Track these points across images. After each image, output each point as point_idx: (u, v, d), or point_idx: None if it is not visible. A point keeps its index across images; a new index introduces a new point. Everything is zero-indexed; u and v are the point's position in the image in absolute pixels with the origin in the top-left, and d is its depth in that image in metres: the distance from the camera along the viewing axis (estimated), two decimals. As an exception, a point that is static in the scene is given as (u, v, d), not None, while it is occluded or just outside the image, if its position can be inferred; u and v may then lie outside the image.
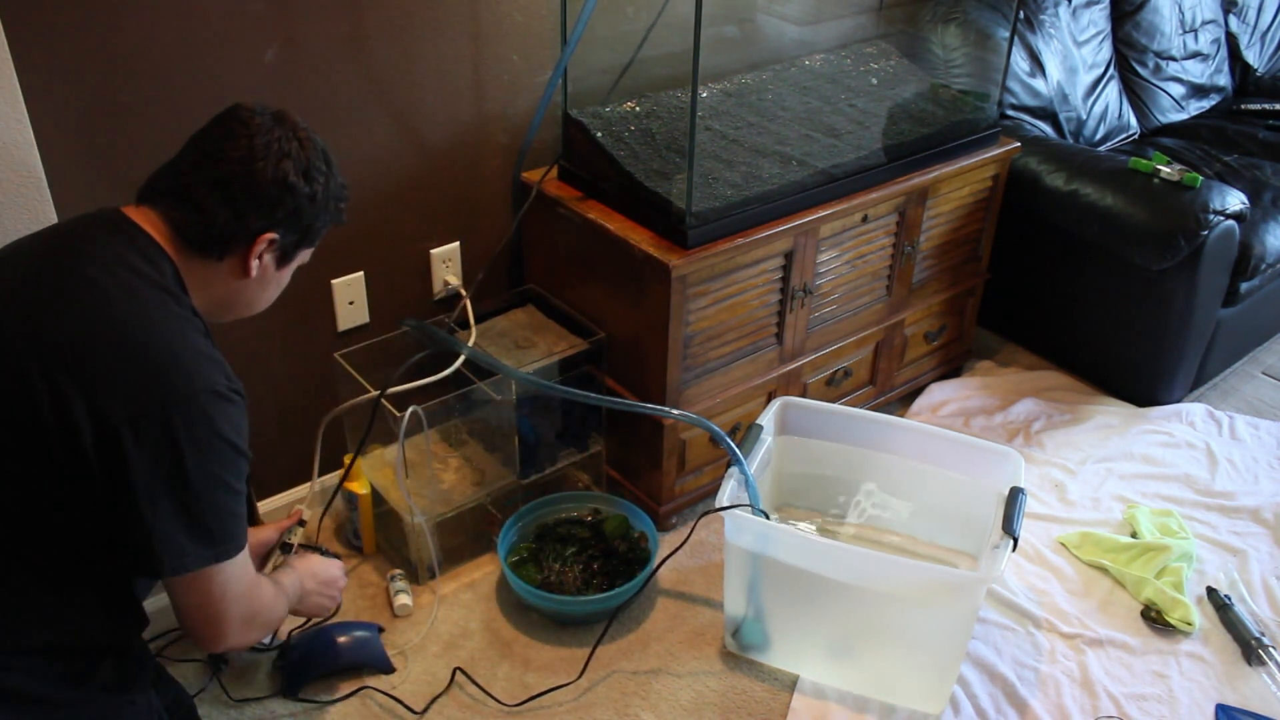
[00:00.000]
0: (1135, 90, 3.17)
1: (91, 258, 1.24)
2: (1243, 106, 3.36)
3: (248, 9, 1.74)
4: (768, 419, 2.01)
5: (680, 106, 2.24)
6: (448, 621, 1.99)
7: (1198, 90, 3.32)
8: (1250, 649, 1.96)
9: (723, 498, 1.81)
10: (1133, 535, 2.22)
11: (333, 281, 2.04)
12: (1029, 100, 2.84)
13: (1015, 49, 2.81)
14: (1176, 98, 3.25)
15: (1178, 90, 3.26)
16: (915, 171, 2.27)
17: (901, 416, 2.57)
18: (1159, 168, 2.46)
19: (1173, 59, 3.23)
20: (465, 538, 2.14)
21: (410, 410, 1.89)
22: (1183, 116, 3.27)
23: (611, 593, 1.95)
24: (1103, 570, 2.15)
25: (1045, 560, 2.18)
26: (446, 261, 2.18)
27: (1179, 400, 2.65)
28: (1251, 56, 3.48)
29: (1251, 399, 2.75)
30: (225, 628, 1.33)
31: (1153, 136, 3.15)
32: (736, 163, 2.11)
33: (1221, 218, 2.37)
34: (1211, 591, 2.09)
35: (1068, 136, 2.93)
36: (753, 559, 1.83)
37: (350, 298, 2.07)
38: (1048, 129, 2.88)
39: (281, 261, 1.39)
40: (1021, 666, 1.93)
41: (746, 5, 2.47)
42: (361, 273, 2.07)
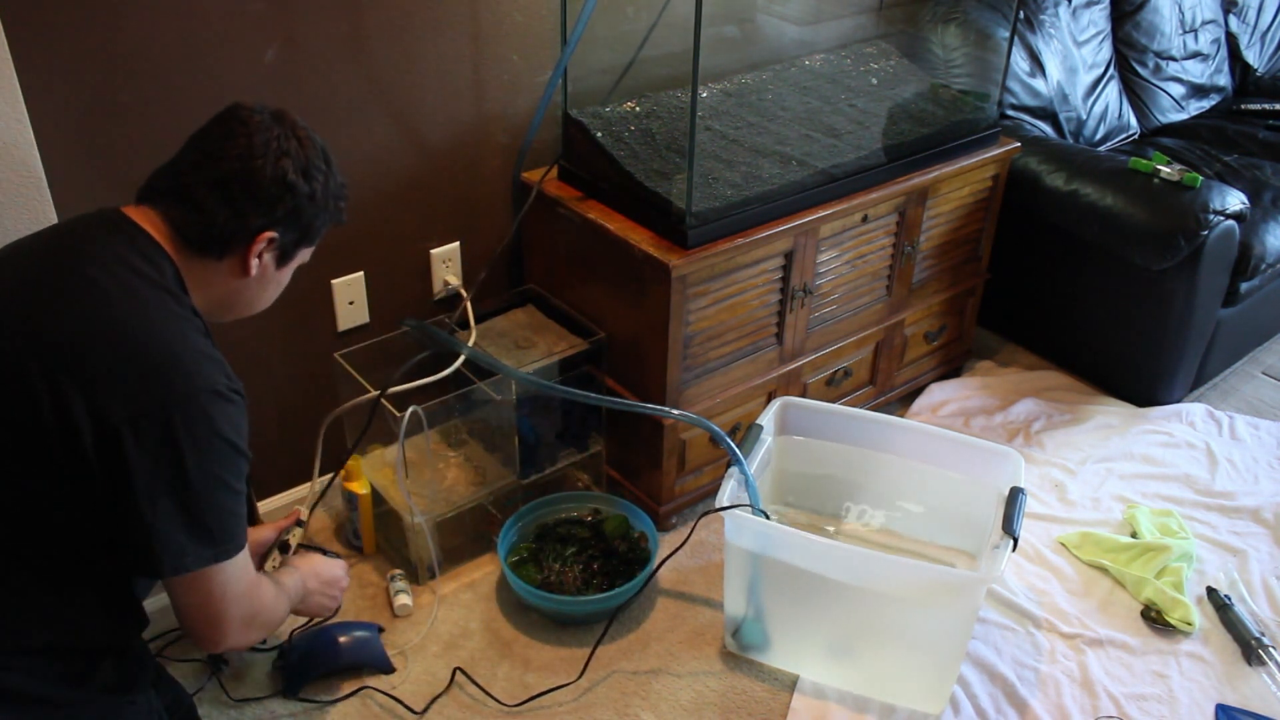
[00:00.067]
0: (1135, 90, 3.17)
1: (92, 258, 1.24)
2: (1243, 106, 3.36)
3: (248, 9, 1.74)
4: (768, 419, 2.01)
5: (680, 106, 2.24)
6: (448, 621, 1.99)
7: (1198, 90, 3.32)
8: (1250, 649, 1.96)
9: (723, 498, 1.81)
10: (1133, 535, 2.22)
11: (333, 281, 2.04)
12: (1029, 100, 2.84)
13: (1015, 49, 2.81)
14: (1176, 98, 3.25)
15: (1178, 90, 3.26)
16: (915, 171, 2.27)
17: (901, 416, 2.57)
18: (1159, 168, 2.46)
19: (1173, 59, 3.23)
20: (465, 538, 2.14)
21: (410, 410, 1.89)
22: (1183, 116, 3.27)
23: (611, 593, 1.95)
24: (1103, 570, 2.15)
25: (1045, 560, 2.18)
26: (446, 261, 2.18)
27: (1179, 400, 2.65)
28: (1251, 56, 3.48)
29: (1251, 399, 2.75)
30: (225, 628, 1.33)
31: (1153, 136, 3.15)
32: (736, 163, 2.11)
33: (1221, 218, 2.37)
34: (1211, 591, 2.09)
35: (1068, 136, 2.93)
36: (753, 559, 1.83)
37: (350, 298, 2.07)
38: (1048, 129, 2.88)
39: (281, 260, 1.39)
40: (1021, 666, 1.93)
41: (746, 5, 2.47)
42: (361, 273, 2.07)
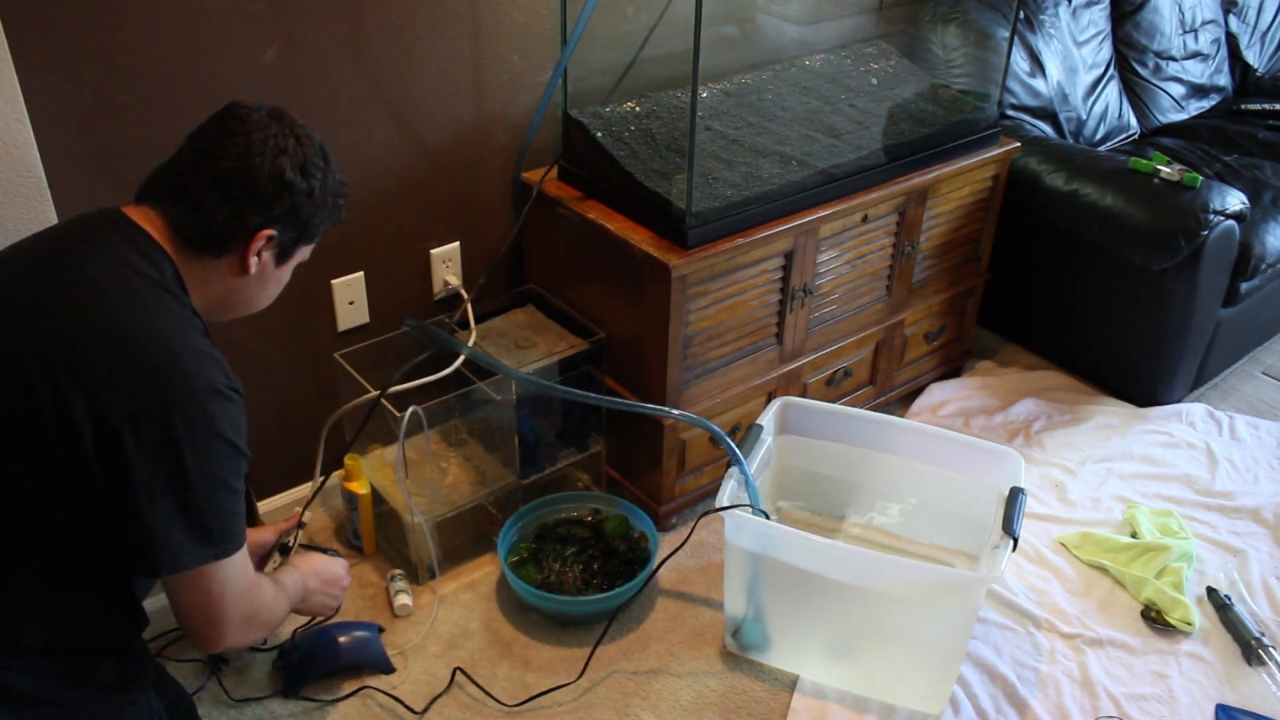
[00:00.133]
0: (1135, 90, 3.17)
1: (91, 257, 1.24)
2: (1243, 106, 3.36)
3: (248, 9, 1.74)
4: (768, 419, 2.01)
5: (680, 106, 2.24)
6: (448, 621, 1.99)
7: (1198, 90, 3.32)
8: (1250, 649, 1.96)
9: (723, 498, 1.81)
10: (1133, 535, 2.22)
11: (333, 281, 2.04)
12: (1029, 100, 2.84)
13: (1015, 49, 2.81)
14: (1176, 98, 3.25)
15: (1178, 90, 3.26)
16: (915, 171, 2.27)
17: (901, 416, 2.57)
18: (1159, 168, 2.46)
19: (1173, 59, 3.23)
20: (465, 538, 2.14)
21: (410, 410, 1.89)
22: (1183, 116, 3.27)
23: (611, 593, 1.95)
24: (1103, 570, 2.15)
25: (1045, 560, 2.18)
26: (446, 261, 2.18)
27: (1179, 400, 2.65)
28: (1251, 56, 3.48)
29: (1251, 399, 2.75)
30: (224, 627, 1.32)
31: (1153, 136, 3.15)
32: (736, 163, 2.11)
33: (1221, 218, 2.37)
34: (1211, 591, 2.09)
35: (1068, 136, 2.93)
36: (753, 559, 1.83)
37: (350, 298, 2.07)
38: (1048, 129, 2.88)
39: (281, 259, 1.39)
40: (1021, 666, 1.93)
41: (746, 5, 2.47)
42: (361, 273, 2.07)
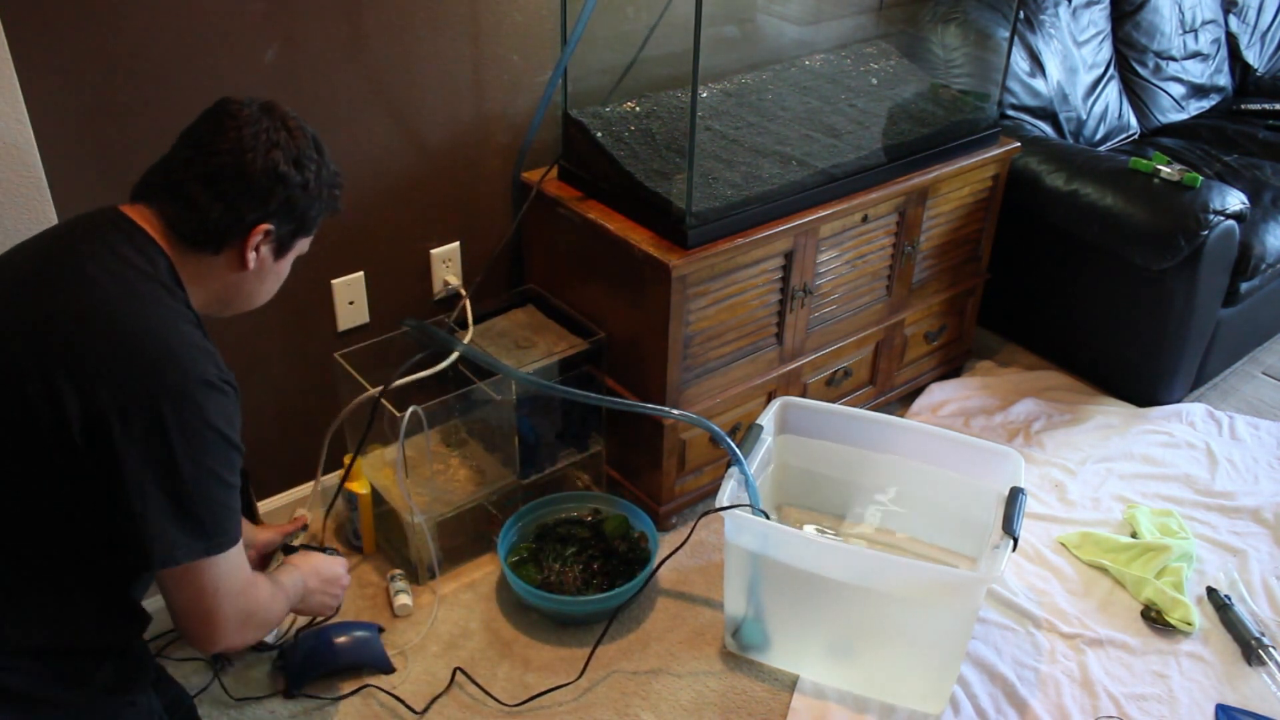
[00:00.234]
0: (1135, 90, 3.17)
1: (89, 256, 1.24)
2: (1243, 106, 3.36)
3: (248, 9, 1.74)
4: (768, 419, 2.01)
5: (680, 106, 2.24)
6: (448, 621, 1.99)
7: (1198, 90, 3.32)
8: (1250, 649, 1.96)
9: (723, 498, 1.81)
10: (1133, 535, 2.22)
11: (333, 281, 2.04)
12: (1029, 100, 2.84)
13: (1015, 49, 2.81)
14: (1176, 98, 3.25)
15: (1178, 90, 3.26)
16: (915, 171, 2.27)
17: (901, 416, 2.57)
18: (1159, 168, 2.46)
19: (1173, 59, 3.23)
20: (465, 538, 2.14)
21: (410, 410, 1.89)
22: (1183, 116, 3.27)
23: (611, 593, 1.95)
24: (1103, 570, 2.15)
25: (1045, 560, 2.18)
26: (446, 261, 2.18)
27: (1179, 400, 2.65)
28: (1251, 56, 3.48)
29: (1251, 399, 2.75)
30: (219, 626, 1.30)
31: (1153, 136, 3.15)
32: (736, 163, 2.11)
33: (1221, 218, 2.37)
34: (1211, 591, 2.09)
35: (1068, 136, 2.92)
36: (753, 559, 1.83)
37: (350, 298, 2.07)
38: (1048, 129, 2.88)
39: (279, 252, 1.38)
40: (1021, 666, 1.93)
41: (746, 5, 2.47)
42: (361, 273, 2.07)
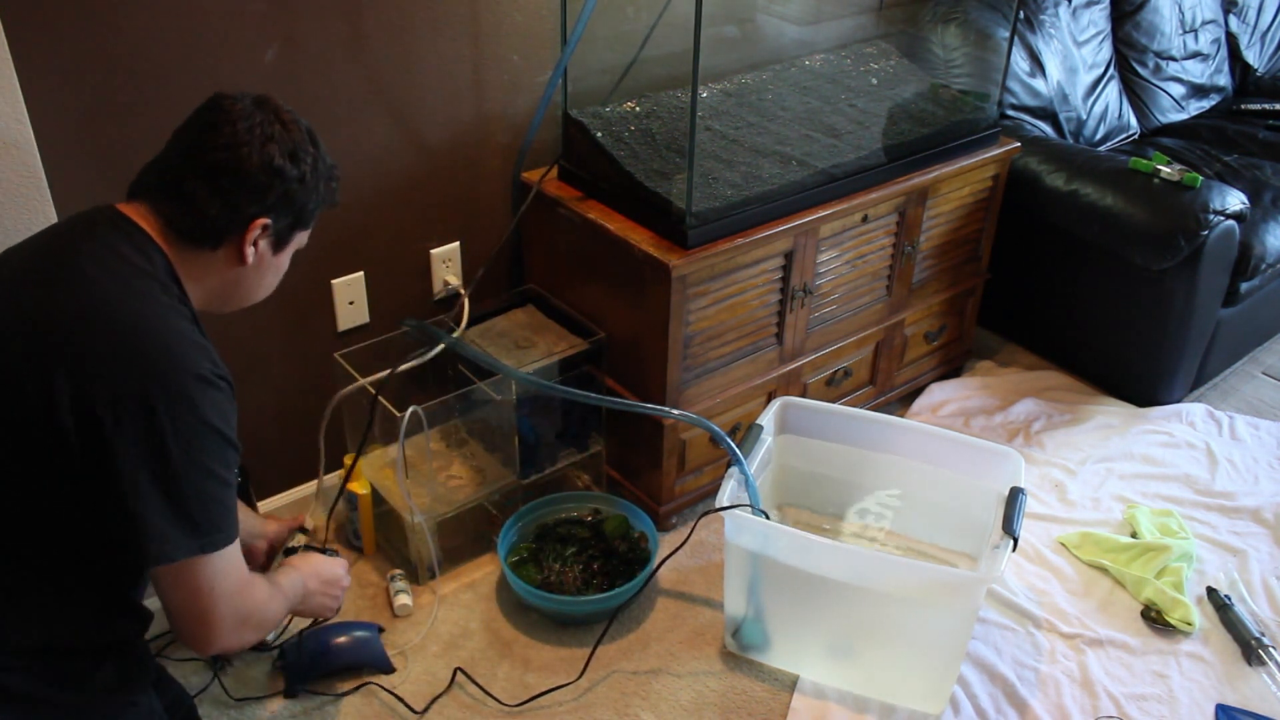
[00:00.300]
0: (1135, 90, 3.17)
1: (85, 253, 1.24)
2: (1243, 106, 3.36)
3: (248, 9, 1.74)
4: (768, 419, 2.01)
5: (680, 106, 2.24)
6: (448, 621, 1.99)
7: (1198, 90, 3.32)
8: (1250, 649, 1.96)
9: (723, 498, 1.81)
10: (1133, 535, 2.22)
11: (333, 281, 2.04)
12: (1029, 100, 2.84)
13: (1015, 49, 2.81)
14: (1176, 98, 3.25)
15: (1178, 90, 3.26)
16: (915, 171, 2.27)
17: (901, 416, 2.57)
18: (1159, 168, 2.46)
19: (1173, 59, 3.23)
20: (465, 538, 2.14)
21: (410, 410, 1.89)
22: (1183, 116, 3.27)
23: (611, 593, 1.95)
24: (1103, 570, 2.15)
25: (1045, 560, 2.18)
26: (446, 261, 2.18)
27: (1179, 400, 2.65)
28: (1251, 56, 3.48)
29: (1251, 399, 2.75)
30: (215, 626, 1.29)
31: (1153, 136, 3.15)
32: (736, 163, 2.11)
33: (1221, 218, 2.37)
34: (1211, 591, 2.09)
35: (1068, 136, 2.92)
36: (753, 559, 1.83)
37: (350, 298, 2.07)
38: (1048, 129, 2.88)
39: (277, 246, 1.37)
40: (1021, 666, 1.93)
41: (746, 5, 2.47)
42: (361, 273, 2.07)
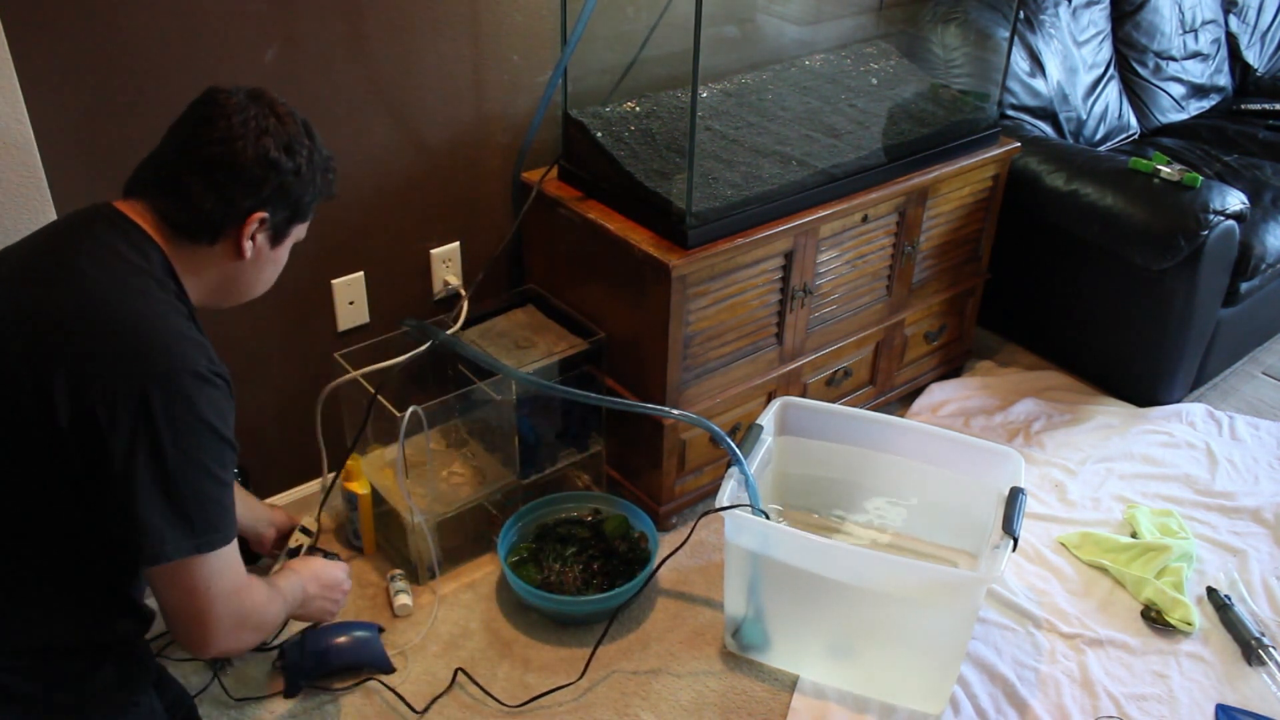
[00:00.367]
0: (1135, 90, 3.17)
1: (82, 252, 1.24)
2: (1243, 106, 3.36)
3: (248, 9, 1.74)
4: (768, 419, 2.01)
5: (680, 106, 2.24)
6: (448, 621, 1.99)
7: (1198, 90, 3.32)
8: (1250, 649, 1.96)
9: (723, 498, 1.81)
10: (1133, 535, 2.22)
11: (333, 281, 2.04)
12: (1029, 100, 2.84)
13: (1015, 49, 2.81)
14: (1176, 98, 3.25)
15: (1178, 90, 3.26)
16: (915, 171, 2.27)
17: (901, 416, 2.57)
18: (1159, 168, 2.46)
19: (1173, 59, 3.23)
20: (465, 538, 2.14)
21: (410, 410, 1.89)
22: (1183, 116, 3.27)
23: (611, 593, 1.95)
24: (1103, 570, 2.15)
25: (1045, 560, 2.18)
26: (446, 261, 2.18)
27: (1179, 400, 2.65)
28: (1251, 56, 3.48)
29: (1251, 399, 2.75)
30: (212, 627, 1.28)
31: (1153, 136, 3.15)
32: (736, 163, 2.11)
33: (1221, 218, 2.37)
34: (1211, 591, 2.09)
35: (1068, 136, 2.92)
36: (753, 559, 1.83)
37: (350, 298, 2.07)
38: (1048, 129, 2.88)
39: (275, 240, 1.36)
40: (1021, 666, 1.93)
41: (746, 5, 2.47)
42: (361, 273, 2.07)
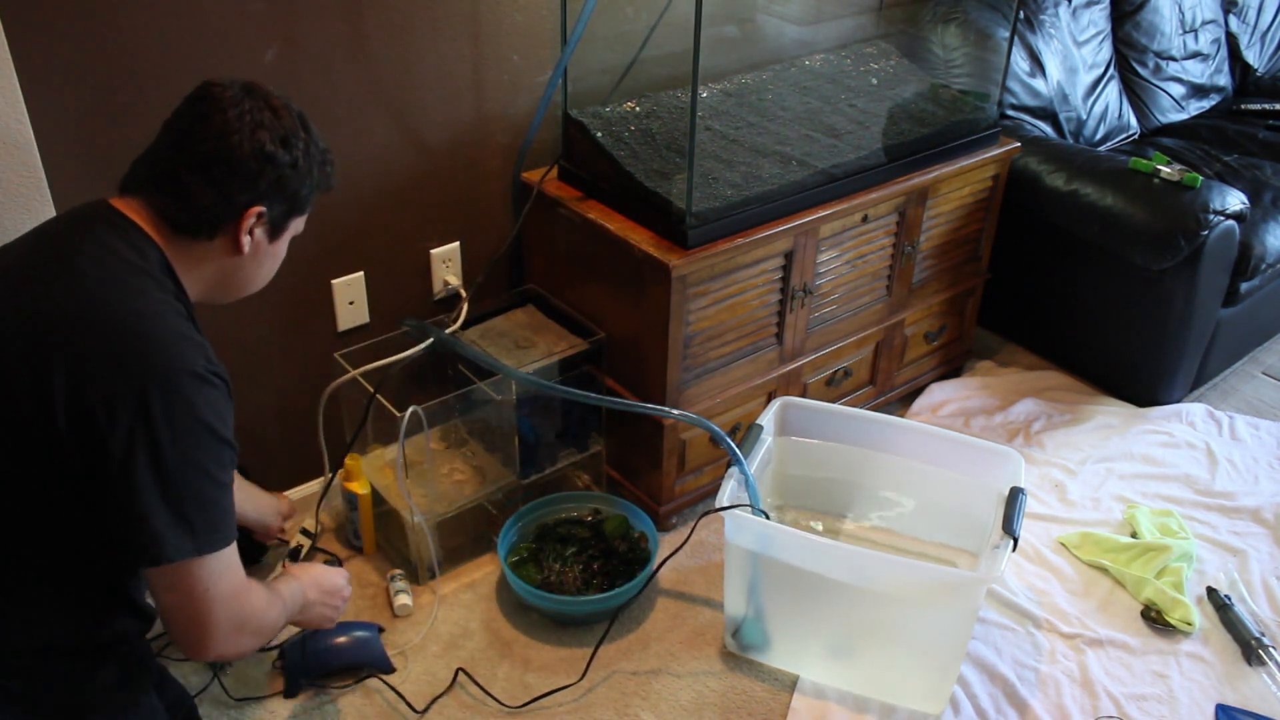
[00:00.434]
0: (1135, 90, 3.17)
1: (81, 251, 1.23)
2: (1243, 106, 3.36)
3: (248, 9, 1.74)
4: (768, 419, 2.01)
5: (680, 106, 2.24)
6: (448, 621, 1.99)
7: (1198, 90, 3.32)
8: (1250, 649, 1.96)
9: (723, 498, 1.81)
10: (1133, 535, 2.22)
11: (333, 281, 2.04)
12: (1029, 100, 2.84)
13: (1015, 49, 2.81)
14: (1176, 98, 3.25)
15: (1178, 90, 3.26)
16: (915, 171, 2.27)
17: (901, 416, 2.57)
18: (1159, 168, 2.46)
19: (1173, 59, 3.23)
20: (465, 538, 2.14)
21: (410, 410, 1.89)
22: (1183, 116, 3.27)
23: (612, 593, 1.95)
24: (1103, 570, 2.15)
25: (1045, 560, 2.18)
26: (446, 261, 2.18)
27: (1179, 400, 2.65)
28: (1251, 56, 3.48)
29: (1251, 399, 2.75)
30: (211, 630, 1.27)
31: (1153, 136, 3.15)
32: (736, 163, 2.11)
33: (1221, 218, 2.37)
34: (1211, 591, 2.09)
35: (1068, 136, 2.92)
36: (753, 559, 1.83)
37: (350, 298, 2.07)
38: (1048, 129, 2.88)
39: (274, 234, 1.35)
40: (1021, 666, 1.93)
41: (746, 5, 2.47)
42: (361, 273, 2.07)
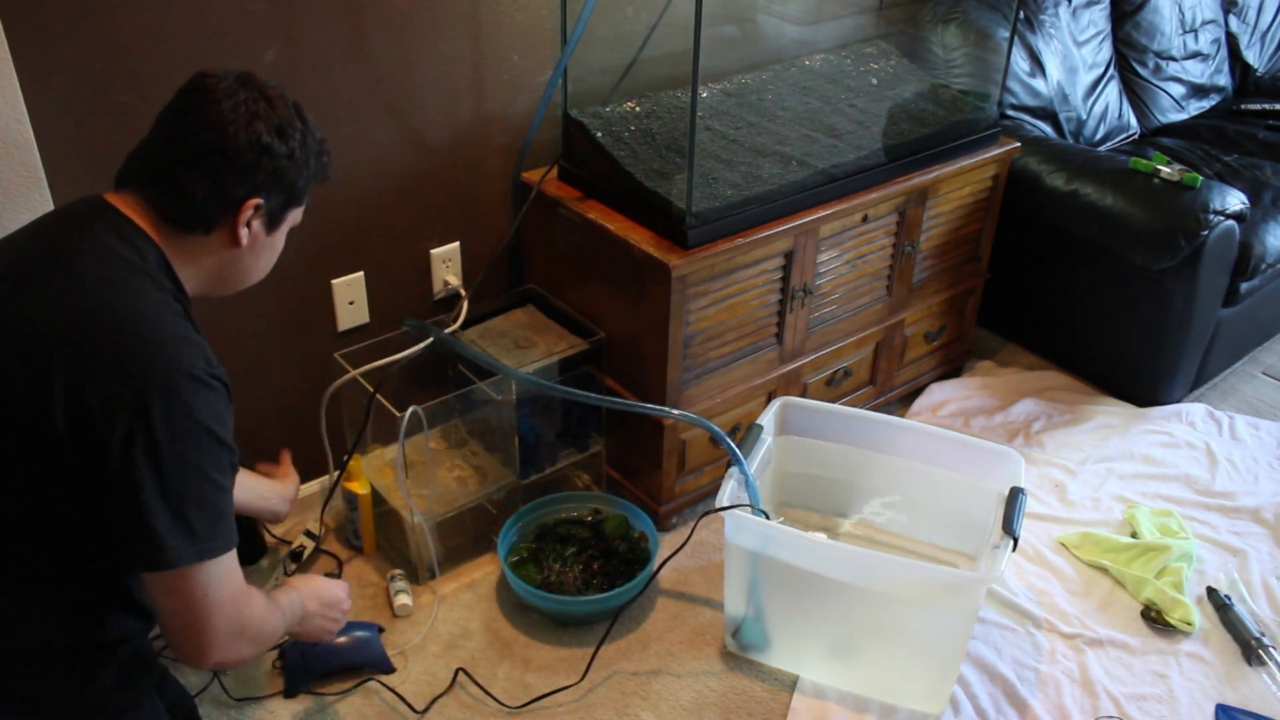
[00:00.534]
0: (1135, 90, 3.17)
1: (77, 248, 1.22)
2: (1243, 106, 3.36)
3: (248, 9, 1.74)
4: (768, 419, 2.01)
5: (680, 106, 2.24)
6: (448, 621, 1.98)
7: (1198, 90, 3.32)
8: (1250, 649, 1.96)
9: (723, 498, 1.81)
10: (1133, 535, 2.22)
11: (333, 281, 2.04)
12: (1029, 100, 2.84)
13: (1015, 49, 2.81)
14: (1176, 98, 3.25)
15: (1178, 90, 3.26)
16: (915, 171, 2.27)
17: (901, 416, 2.57)
18: (1159, 168, 2.46)
19: (1173, 59, 3.23)
20: (465, 538, 2.14)
21: (410, 410, 1.89)
22: (1183, 116, 3.27)
23: (612, 593, 1.95)
24: (1103, 570, 2.15)
25: (1045, 560, 2.18)
26: (446, 261, 2.18)
27: (1179, 400, 2.65)
28: (1251, 56, 3.48)
29: (1251, 399, 2.75)
30: (210, 637, 1.26)
31: (1153, 136, 3.15)
32: (736, 163, 2.11)
33: (1221, 218, 2.37)
34: (1211, 591, 2.09)
35: (1068, 136, 2.93)
36: (753, 559, 1.83)
37: (350, 298, 2.07)
38: (1048, 129, 2.88)
39: (271, 226, 1.34)
40: (1021, 666, 1.93)
41: (746, 5, 2.47)
42: (361, 273, 2.07)
